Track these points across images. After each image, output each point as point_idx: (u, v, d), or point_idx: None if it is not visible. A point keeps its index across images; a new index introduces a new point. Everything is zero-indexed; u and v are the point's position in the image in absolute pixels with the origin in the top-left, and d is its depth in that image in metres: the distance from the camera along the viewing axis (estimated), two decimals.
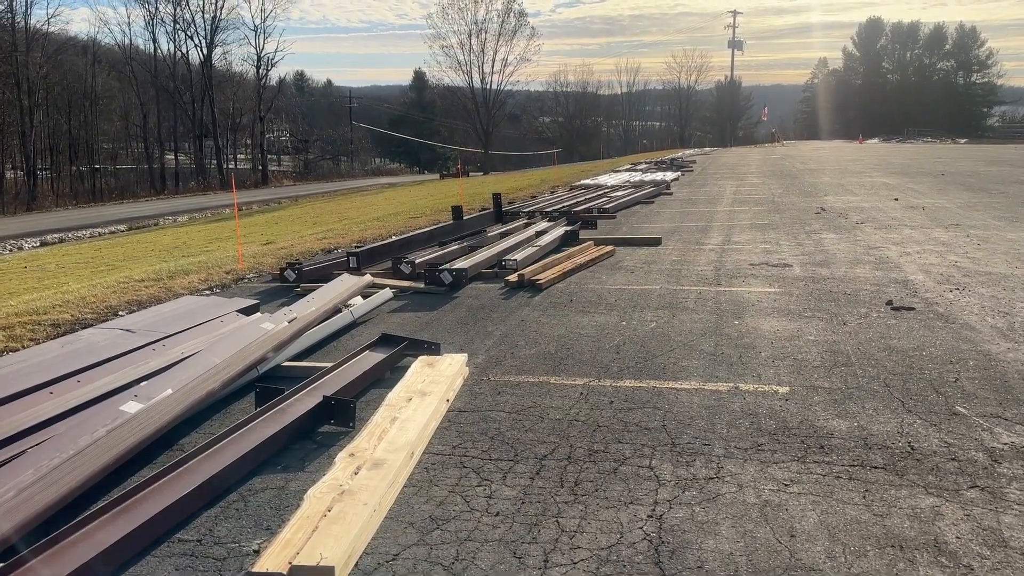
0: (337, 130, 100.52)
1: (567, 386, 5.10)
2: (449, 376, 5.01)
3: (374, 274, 8.97)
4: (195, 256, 13.67)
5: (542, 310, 7.23)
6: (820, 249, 10.21)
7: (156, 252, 17.22)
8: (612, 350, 5.84)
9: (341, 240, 12.85)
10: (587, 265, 9.43)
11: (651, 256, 10.19)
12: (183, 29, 67.72)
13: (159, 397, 4.28)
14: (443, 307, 7.54)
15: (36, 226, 31.38)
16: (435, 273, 8.19)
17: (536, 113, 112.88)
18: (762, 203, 17.09)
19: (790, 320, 6.55)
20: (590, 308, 7.23)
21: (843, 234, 11.57)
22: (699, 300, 7.40)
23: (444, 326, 6.78)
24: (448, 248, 10.40)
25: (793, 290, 7.72)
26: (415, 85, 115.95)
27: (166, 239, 21.62)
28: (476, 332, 6.53)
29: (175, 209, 38.01)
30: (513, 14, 79.51)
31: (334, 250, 11.67)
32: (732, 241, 11.30)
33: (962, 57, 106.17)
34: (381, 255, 9.72)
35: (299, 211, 31.42)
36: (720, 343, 5.92)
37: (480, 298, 7.86)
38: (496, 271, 9.00)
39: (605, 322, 6.68)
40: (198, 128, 70.75)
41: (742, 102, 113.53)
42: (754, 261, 9.48)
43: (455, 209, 12.11)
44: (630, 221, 14.60)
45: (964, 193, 17.92)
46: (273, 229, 21.27)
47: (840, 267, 8.87)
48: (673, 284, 8.22)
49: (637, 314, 6.93)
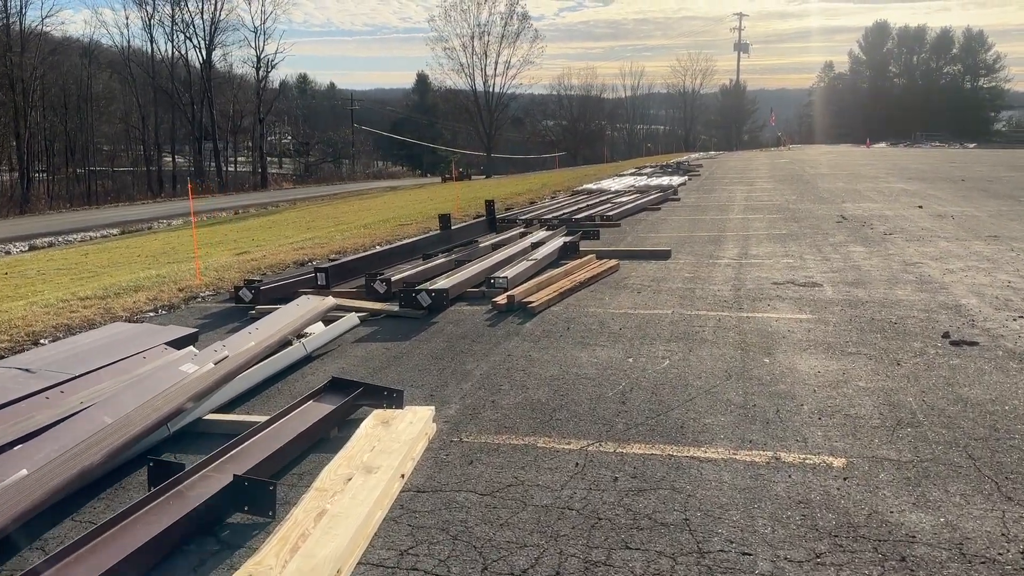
0: (338, 133, 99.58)
1: (559, 452, 3.99)
2: (407, 440, 3.90)
3: (344, 294, 7.88)
4: (179, 263, 12.62)
5: (533, 341, 6.12)
6: (850, 265, 9.09)
7: (142, 258, 16.24)
8: (616, 398, 4.73)
9: (319, 251, 11.76)
10: (588, 283, 8.32)
11: (660, 272, 9.08)
12: (182, 30, 66.85)
13: (6, 482, 3.18)
14: (418, 335, 6.43)
15: (27, 229, 30.37)
16: (411, 294, 7.08)
17: (540, 116, 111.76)
18: (777, 210, 15.97)
19: (831, 358, 5.43)
20: (590, 339, 6.12)
21: (872, 247, 10.45)
22: (719, 329, 6.29)
23: (415, 362, 5.67)
24: (433, 262, 9.30)
25: (829, 317, 6.60)
26: (418, 88, 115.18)
27: (156, 244, 20.66)
28: (453, 371, 5.43)
29: (170, 213, 37.08)
30: (516, 17, 78.60)
31: (307, 262, 10.58)
32: (750, 254, 10.19)
33: (969, 61, 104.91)
34: (355, 271, 8.62)
35: (296, 215, 30.45)
36: (750, 390, 4.80)
37: (462, 324, 6.75)
38: (484, 290, 7.89)
39: (608, 358, 5.57)
40: (197, 130, 69.82)
41: (747, 106, 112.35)
42: (777, 279, 8.36)
43: (442, 218, 11.02)
44: (635, 230, 13.49)
45: (991, 201, 16.77)
46: (264, 234, 20.30)
47: (878, 288, 7.74)
48: (687, 308, 7.10)
49: (646, 348, 5.82)
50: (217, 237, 20.84)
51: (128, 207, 47.53)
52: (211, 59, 69.07)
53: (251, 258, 11.28)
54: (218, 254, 13.34)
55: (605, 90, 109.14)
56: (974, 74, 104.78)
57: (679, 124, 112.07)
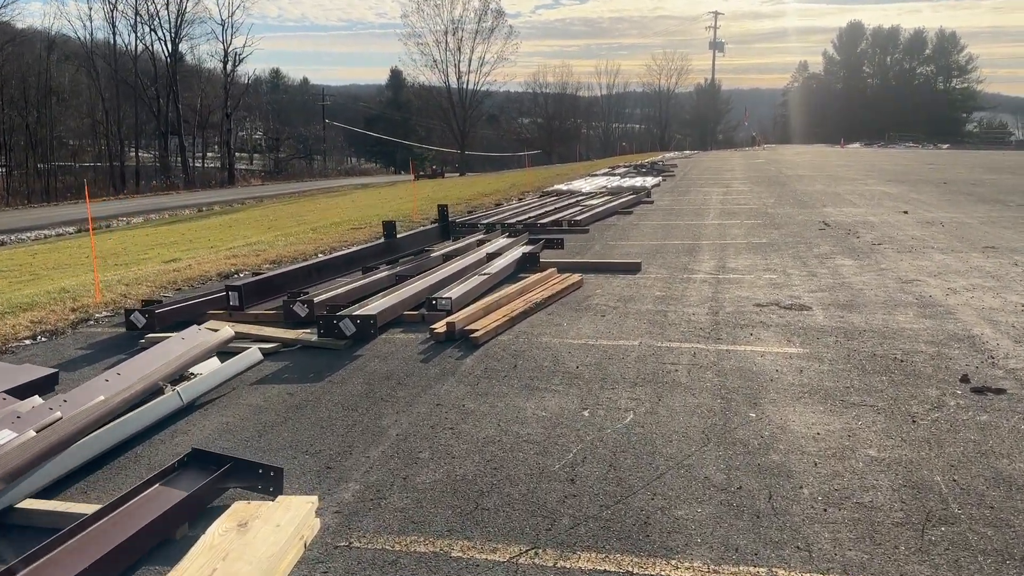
0: (309, 129, 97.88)
1: (480, 566, 2.93)
2: (268, 557, 2.82)
3: (259, 317, 6.77)
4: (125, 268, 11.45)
5: (471, 384, 5.05)
6: (841, 282, 8.12)
7: (92, 259, 14.99)
8: (564, 474, 3.68)
9: (253, 260, 10.60)
10: (545, 304, 7.27)
11: (628, 289, 8.06)
12: (147, 23, 64.90)
13: None
14: (333, 375, 5.34)
15: None
16: (332, 321, 5.98)
17: (515, 114, 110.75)
18: (755, 215, 15.04)
19: (831, 410, 4.42)
20: (540, 381, 5.07)
21: (862, 259, 9.50)
22: (694, 368, 5.26)
23: (320, 415, 4.58)
24: (373, 276, 8.20)
25: (822, 351, 5.60)
26: (392, 84, 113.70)
27: (109, 244, 19.35)
28: (364, 428, 4.35)
29: (131, 210, 35.65)
30: (490, 13, 77.44)
31: (235, 274, 9.43)
32: (728, 267, 9.20)
33: (942, 62, 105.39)
34: (279, 287, 7.49)
35: (259, 213, 29.21)
36: (733, 462, 3.77)
37: (390, 360, 5.67)
38: (424, 313, 6.81)
39: (559, 410, 4.52)
40: (163, 125, 67.93)
41: (722, 105, 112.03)
42: (760, 299, 7.36)
43: (387, 225, 9.90)
44: (604, 237, 12.48)
45: (979, 205, 15.97)
46: (221, 234, 19.10)
47: (875, 312, 6.77)
48: (657, 338, 6.07)
49: (607, 394, 4.78)
50: (173, 237, 19.65)
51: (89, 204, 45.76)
52: (177, 52, 67.24)
53: (175, 268, 10.10)
54: (144, 263, 12.14)
55: (581, 88, 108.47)
56: (947, 75, 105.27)
57: (654, 123, 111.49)
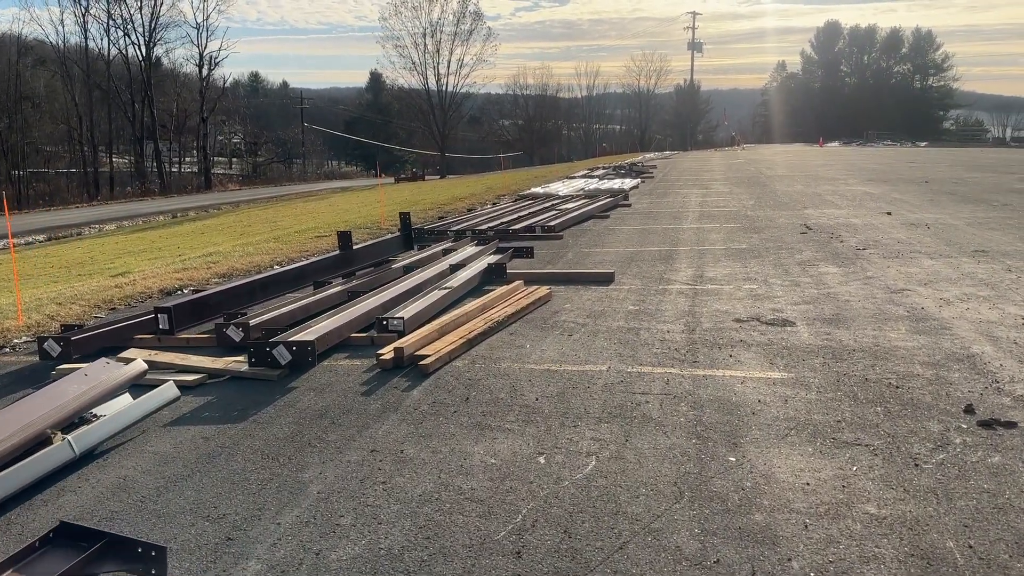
0: (287, 132, 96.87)
1: None
2: None
3: (190, 342, 6.14)
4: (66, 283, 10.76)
5: (414, 423, 4.45)
6: (826, 293, 7.59)
7: (56, 269, 14.27)
8: (510, 546, 3.09)
9: (203, 274, 9.93)
10: (508, 321, 6.67)
11: (600, 302, 7.49)
12: (120, 27, 63.75)
13: None
14: (260, 412, 4.72)
15: None
16: (264, 348, 5.36)
17: (496, 116, 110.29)
18: (734, 218, 14.53)
19: (822, 452, 3.86)
20: (493, 417, 4.48)
21: (847, 266, 8.99)
22: (667, 399, 4.69)
23: (234, 466, 3.96)
24: (324, 292, 7.58)
25: (809, 376, 5.05)
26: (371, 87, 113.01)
27: (78, 252, 18.59)
28: (281, 484, 3.74)
29: (104, 217, 34.77)
30: (469, 15, 76.75)
31: (179, 291, 8.77)
32: (706, 277, 8.65)
33: (919, 61, 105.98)
34: (218, 306, 6.85)
35: (233, 219, 28.45)
36: (710, 525, 3.20)
37: (327, 392, 5.05)
38: (373, 335, 6.20)
39: (511, 456, 3.93)
40: (138, 130, 66.79)
41: (701, 106, 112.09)
42: (740, 314, 6.81)
43: (341, 236, 9.27)
44: (579, 243, 11.91)
45: (963, 205, 15.56)
46: (191, 241, 18.42)
47: (864, 327, 6.23)
48: (627, 361, 5.50)
49: (567, 434, 4.20)
50: (144, 244, 18.95)
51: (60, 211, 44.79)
52: (151, 56, 66.13)
53: (118, 283, 9.41)
54: (92, 276, 11.44)
55: (561, 90, 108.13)
56: (923, 74, 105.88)
57: (635, 124, 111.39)
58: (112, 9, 62.90)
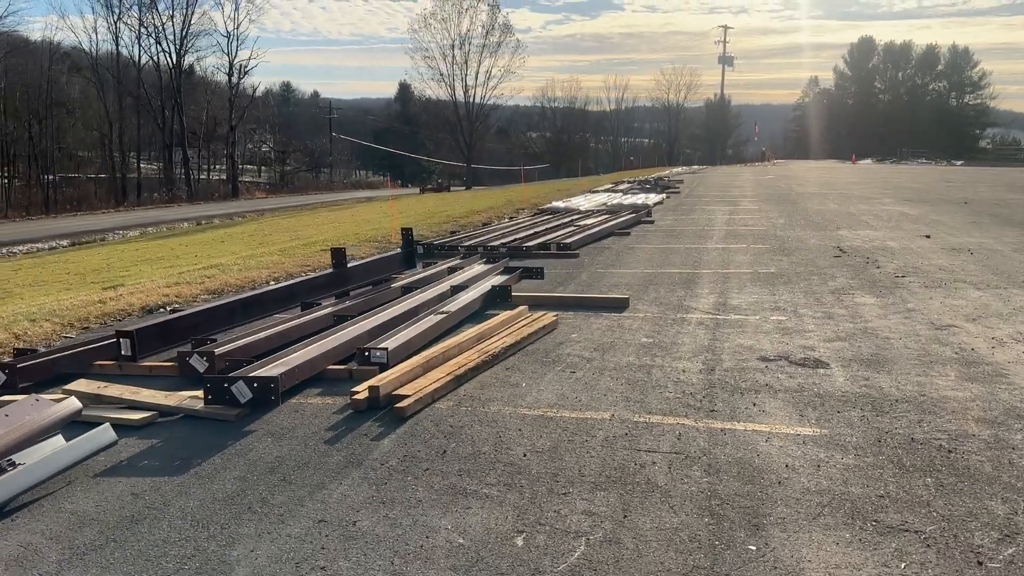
0: (316, 141, 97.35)
1: None
2: None
3: (152, 371, 5.55)
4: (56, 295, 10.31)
5: (377, 484, 3.80)
6: (862, 327, 6.85)
7: (71, 276, 13.93)
8: None
9: (194, 289, 9.39)
10: (505, 355, 6.01)
11: (610, 332, 6.81)
12: (151, 34, 64.27)
13: None
14: (206, 462, 4.10)
15: None
16: (222, 384, 4.74)
17: (524, 128, 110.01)
18: (763, 238, 13.77)
19: (861, 542, 3.15)
20: (471, 479, 3.82)
21: (885, 296, 8.23)
22: (677, 460, 4.00)
23: (155, 536, 3.33)
24: (310, 315, 6.98)
25: (845, 433, 4.33)
26: (400, 97, 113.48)
27: (96, 259, 18.29)
28: (200, 566, 3.09)
29: (129, 223, 34.69)
30: (498, 27, 76.29)
31: (161, 308, 8.21)
32: (729, 305, 7.94)
33: (955, 78, 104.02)
34: (186, 330, 6.26)
35: (254, 228, 28.16)
36: None
37: (286, 439, 4.42)
38: (352, 367, 5.58)
39: (483, 534, 3.27)
40: (168, 137, 67.21)
41: (732, 120, 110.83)
42: (766, 351, 6.10)
43: (335, 253, 8.66)
44: (595, 262, 11.24)
45: (1008, 229, 14.66)
46: (208, 249, 18.05)
47: (907, 371, 5.50)
48: (634, 407, 4.82)
49: (554, 506, 3.53)
50: (163, 252, 18.61)
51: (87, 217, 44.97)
52: (182, 64, 66.58)
53: (102, 299, 8.88)
54: (80, 287, 10.97)
55: (589, 103, 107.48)
56: (960, 91, 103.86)
57: (663, 137, 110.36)
58: (144, 17, 63.47)
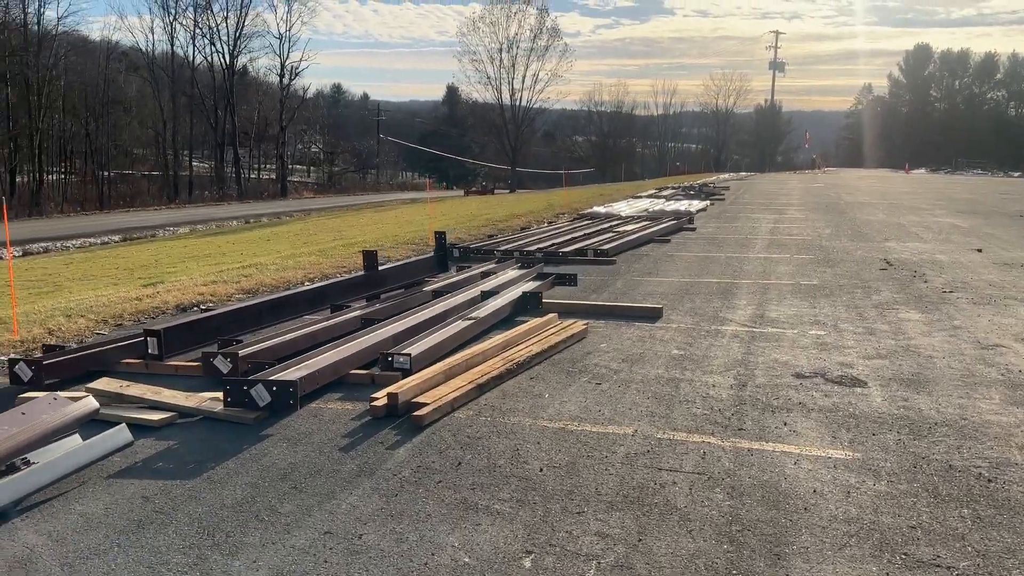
0: (364, 143, 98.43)
1: None
2: None
3: (179, 370, 5.56)
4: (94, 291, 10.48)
5: (388, 495, 3.72)
6: (904, 345, 6.59)
7: (120, 271, 14.24)
8: None
9: (230, 288, 9.46)
10: (531, 363, 5.90)
11: (640, 343, 6.66)
12: (206, 35, 65.63)
13: None
14: (219, 467, 4.06)
15: (27, 233, 28.32)
16: (241, 387, 4.72)
17: (570, 132, 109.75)
18: (807, 248, 13.44)
19: None
20: (483, 494, 3.72)
21: (931, 312, 7.92)
22: (699, 481, 3.85)
23: (160, 543, 3.29)
24: (338, 318, 6.96)
25: (879, 458, 4.13)
26: (447, 100, 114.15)
27: (145, 255, 18.69)
28: (203, 572, 3.05)
29: (180, 220, 35.42)
30: (546, 31, 76.25)
31: (196, 306, 8.28)
32: (767, 318, 7.72)
33: (1014, 87, 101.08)
34: (214, 330, 6.28)
35: (300, 227, 28.52)
36: None
37: (302, 445, 4.37)
38: (375, 373, 5.52)
39: (491, 553, 3.16)
40: (219, 136, 68.53)
41: (782, 127, 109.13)
42: (802, 367, 5.89)
43: (367, 256, 8.66)
44: (631, 270, 11.07)
45: None
46: (252, 248, 18.30)
47: (949, 392, 5.25)
48: (659, 423, 4.67)
49: (567, 525, 3.41)
50: (211, 249, 18.92)
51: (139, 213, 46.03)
52: (235, 65, 67.78)
53: (139, 296, 9.00)
54: (127, 282, 11.14)
55: (637, 107, 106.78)
56: (1019, 100, 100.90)
57: (711, 143, 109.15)
58: (199, 18, 64.84)
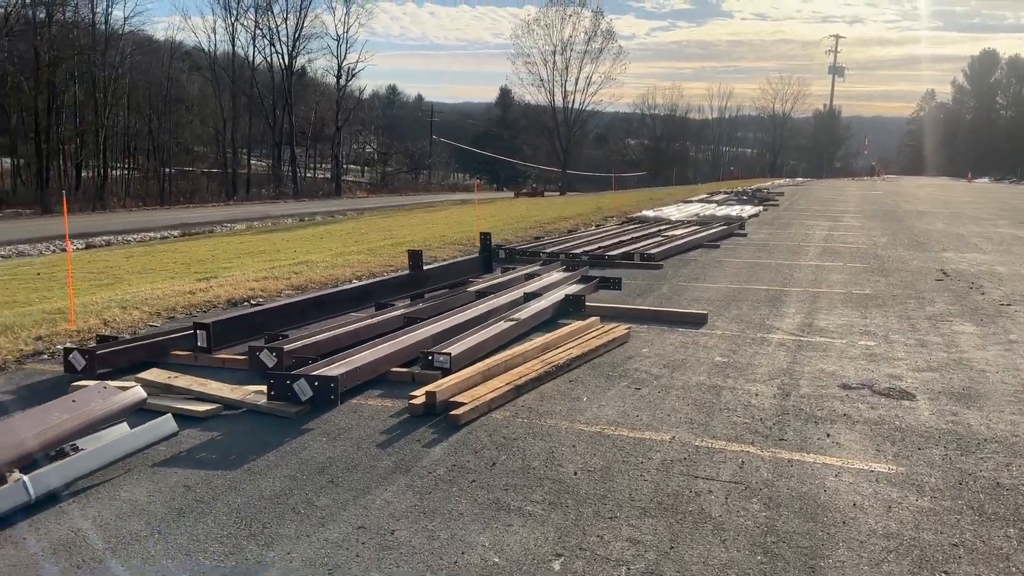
0: (417, 144, 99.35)
1: None
2: None
3: (222, 363, 5.69)
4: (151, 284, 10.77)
5: (422, 493, 3.75)
6: (957, 358, 6.40)
7: (178, 265, 14.66)
8: None
9: (279, 284, 9.64)
10: (570, 366, 5.89)
11: (683, 348, 6.59)
12: (265, 35, 67.01)
13: None
14: (259, 459, 4.15)
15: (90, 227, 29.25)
16: (285, 382, 4.80)
17: (622, 134, 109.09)
18: (861, 257, 13.15)
19: None
20: (516, 495, 3.72)
21: (986, 326, 7.68)
22: (736, 490, 3.80)
23: (198, 531, 3.37)
24: (381, 316, 7.04)
25: (923, 473, 4.03)
26: (500, 102, 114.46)
27: (202, 250, 19.19)
28: (237, 562, 3.10)
29: (237, 217, 36.22)
30: (600, 34, 75.86)
31: (246, 302, 8.46)
32: (815, 327, 7.57)
33: None
34: (259, 325, 6.40)
35: (352, 226, 28.93)
36: None
37: (341, 440, 4.43)
38: (415, 371, 5.57)
39: (520, 554, 3.17)
40: (277, 136, 69.88)
41: (840, 132, 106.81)
42: (849, 378, 5.76)
43: (412, 255, 8.74)
44: (678, 275, 10.96)
45: None
46: (305, 245, 18.63)
47: (1001, 409, 5.08)
48: (698, 430, 4.62)
49: (598, 529, 3.39)
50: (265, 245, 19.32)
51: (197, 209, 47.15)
52: (293, 66, 68.99)
53: (192, 289, 9.23)
54: (184, 276, 11.43)
55: (691, 111, 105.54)
56: None
57: (767, 148, 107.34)
58: (260, 19, 66.22)
